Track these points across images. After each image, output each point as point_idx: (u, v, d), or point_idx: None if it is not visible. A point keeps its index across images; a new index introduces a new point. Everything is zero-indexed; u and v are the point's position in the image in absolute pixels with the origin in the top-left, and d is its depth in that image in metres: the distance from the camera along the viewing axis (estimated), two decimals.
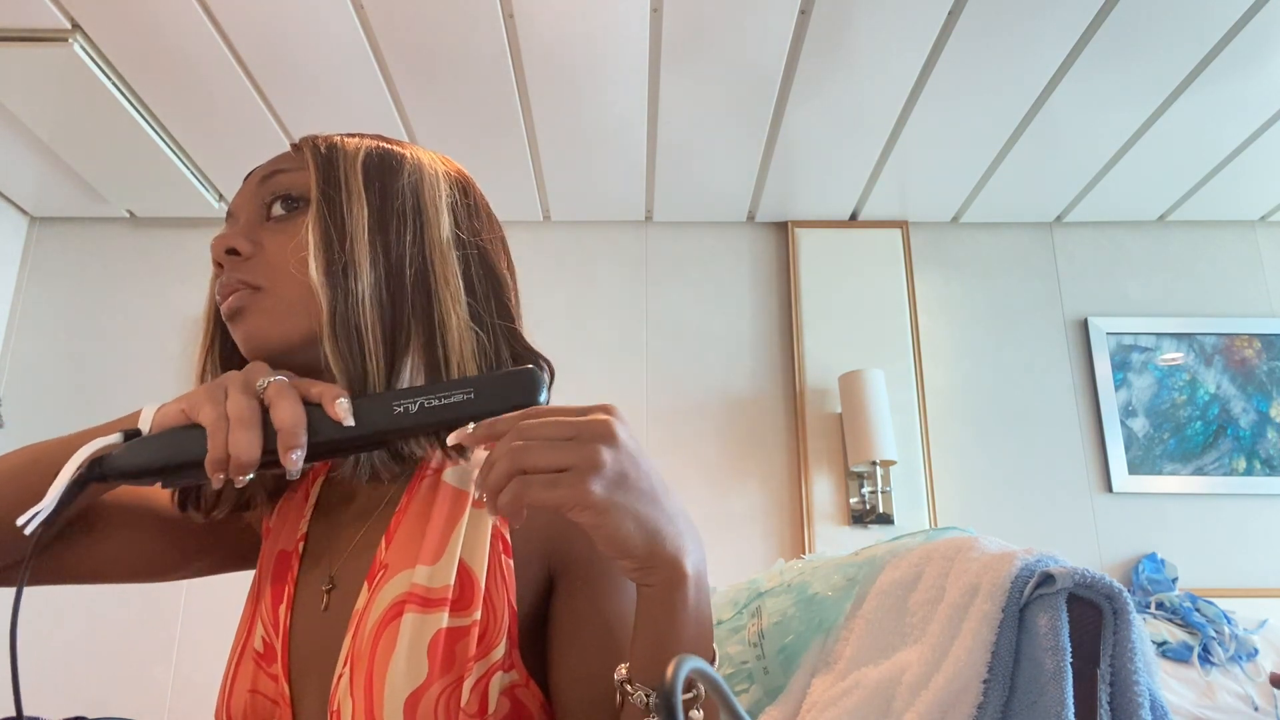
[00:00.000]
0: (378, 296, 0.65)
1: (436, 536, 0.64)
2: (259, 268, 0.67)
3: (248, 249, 0.68)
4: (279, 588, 0.70)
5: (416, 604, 0.60)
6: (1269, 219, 2.74)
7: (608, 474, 0.49)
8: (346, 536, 0.70)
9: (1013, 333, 2.66)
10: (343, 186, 0.68)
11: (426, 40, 1.95)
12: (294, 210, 0.69)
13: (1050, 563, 0.57)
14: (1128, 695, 0.51)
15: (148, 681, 2.31)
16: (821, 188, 2.58)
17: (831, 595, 0.70)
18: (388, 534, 0.66)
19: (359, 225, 0.66)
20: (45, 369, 2.59)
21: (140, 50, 1.95)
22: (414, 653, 0.58)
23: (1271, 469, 2.50)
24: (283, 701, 0.65)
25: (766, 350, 2.65)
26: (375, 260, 0.66)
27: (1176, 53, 2.00)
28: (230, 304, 0.67)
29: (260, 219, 0.70)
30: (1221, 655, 1.99)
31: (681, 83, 2.11)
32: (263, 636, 0.68)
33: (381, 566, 0.64)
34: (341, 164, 0.69)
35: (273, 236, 0.68)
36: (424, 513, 0.65)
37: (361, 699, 0.58)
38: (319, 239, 0.65)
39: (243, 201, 0.72)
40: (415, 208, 0.69)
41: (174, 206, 2.62)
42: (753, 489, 2.50)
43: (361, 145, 0.71)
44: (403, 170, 0.71)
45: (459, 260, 0.70)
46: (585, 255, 2.71)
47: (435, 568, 0.62)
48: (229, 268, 0.68)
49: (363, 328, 0.64)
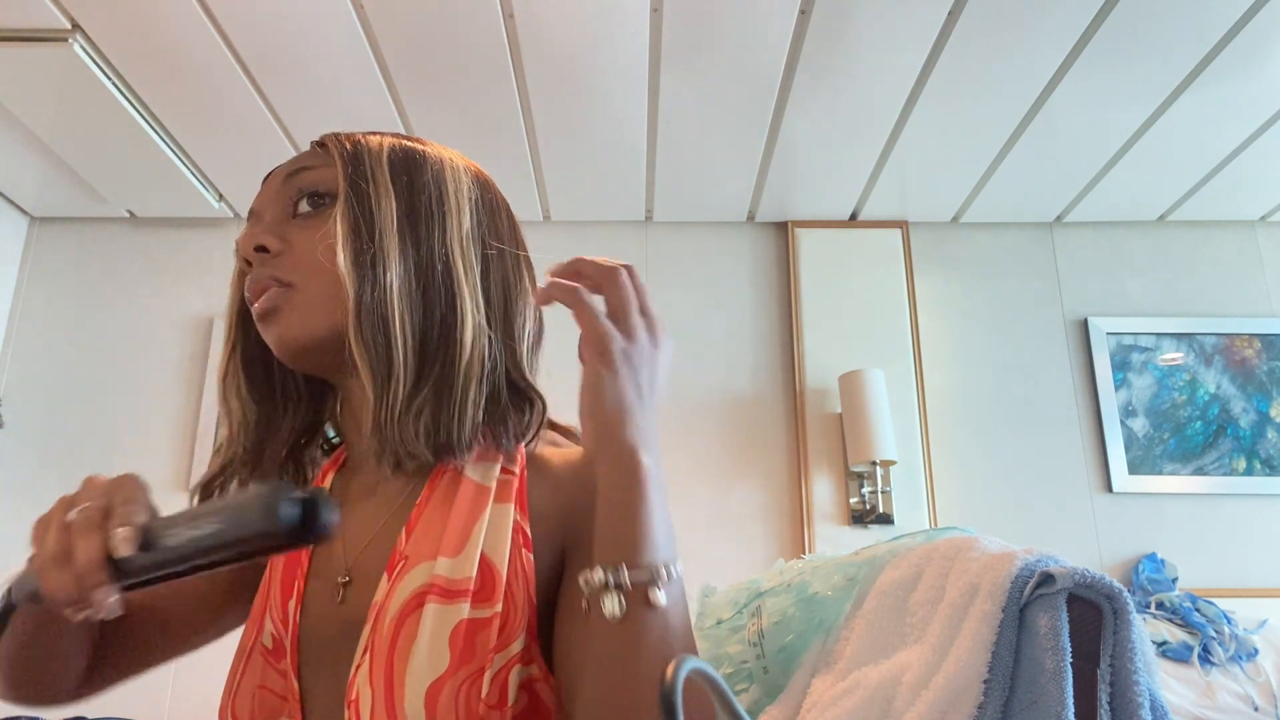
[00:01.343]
0: (406, 288, 0.66)
1: (458, 529, 0.64)
2: (289, 263, 0.67)
3: (277, 245, 0.68)
4: (288, 584, 0.69)
5: (438, 595, 0.60)
6: (1269, 219, 2.74)
7: (630, 350, 0.58)
8: (363, 530, 0.70)
9: (1013, 333, 2.66)
10: (370, 179, 0.68)
11: (426, 40, 1.95)
12: (321, 206, 0.69)
13: (1050, 563, 0.57)
14: (1128, 695, 0.51)
15: (148, 681, 2.31)
16: (821, 188, 2.58)
17: (831, 595, 0.70)
18: (408, 526, 0.66)
19: (388, 218, 0.67)
20: (45, 369, 2.59)
21: (140, 50, 1.95)
22: (435, 642, 0.59)
23: (1271, 469, 2.50)
24: (291, 697, 0.65)
25: (766, 350, 2.65)
26: (405, 252, 0.66)
27: (1176, 53, 2.00)
28: (263, 304, 0.67)
29: (287, 216, 0.70)
30: (1221, 655, 1.99)
31: (681, 83, 2.11)
32: (271, 633, 0.68)
33: (401, 558, 0.64)
34: (367, 159, 0.69)
35: (301, 232, 0.68)
36: (445, 506, 0.65)
37: (381, 688, 0.58)
38: (347, 230, 0.66)
39: (267, 200, 0.71)
40: (439, 200, 0.70)
41: (174, 206, 2.62)
42: (753, 489, 2.50)
43: (385, 141, 0.72)
44: (427, 165, 0.71)
45: (479, 259, 0.70)
46: (585, 255, 2.70)
47: (457, 560, 0.62)
48: (258, 265, 0.68)
49: (390, 319, 0.64)
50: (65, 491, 0.59)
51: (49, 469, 2.48)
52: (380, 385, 0.64)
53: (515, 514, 0.65)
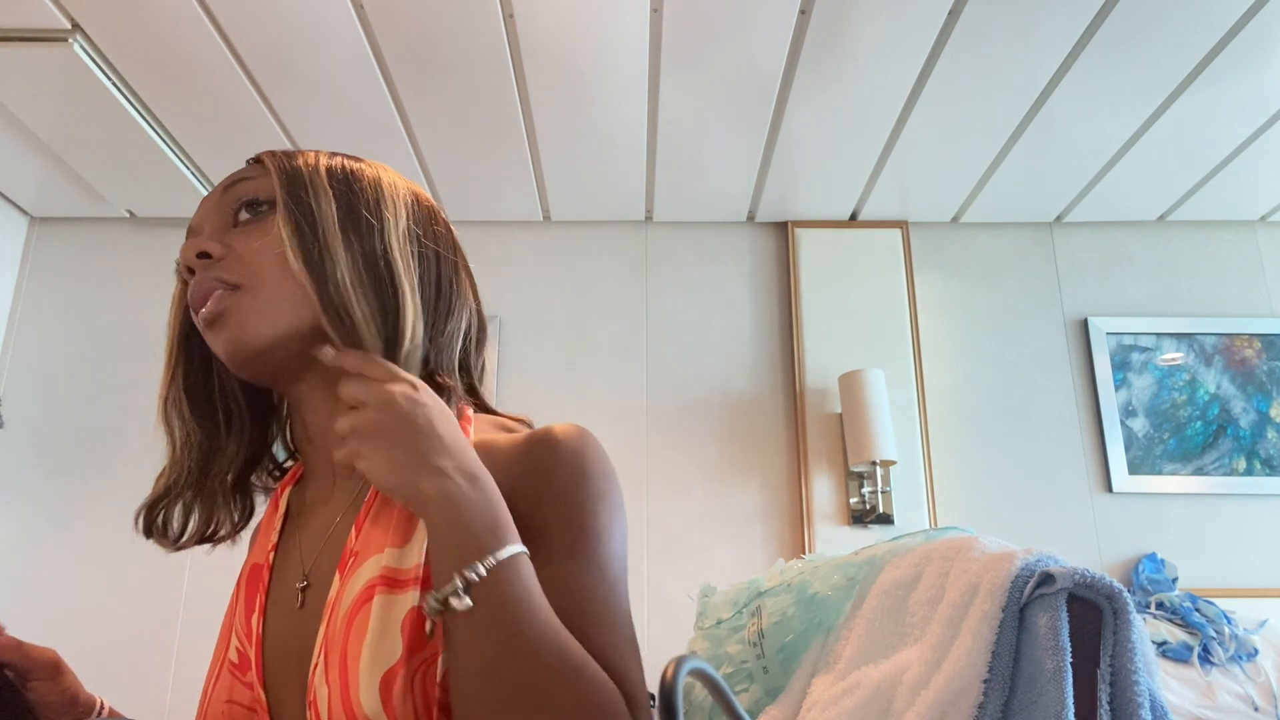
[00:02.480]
0: (358, 279, 0.67)
1: (403, 519, 0.64)
2: (234, 266, 0.68)
3: (219, 250, 0.69)
4: (251, 599, 0.71)
5: (385, 585, 0.61)
6: (1269, 219, 2.74)
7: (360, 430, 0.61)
8: (319, 537, 0.71)
9: (1013, 333, 2.66)
10: (308, 185, 0.70)
11: (426, 40, 1.95)
12: (260, 213, 0.70)
13: (1050, 562, 0.57)
14: (1128, 695, 0.51)
15: (148, 681, 2.31)
16: (821, 188, 2.58)
17: (831, 595, 0.70)
18: (357, 523, 0.67)
19: (328, 216, 0.69)
20: (45, 369, 2.59)
21: (140, 50, 1.95)
22: (386, 633, 0.59)
23: (1271, 469, 2.50)
24: (259, 708, 0.65)
25: (766, 350, 2.65)
26: (349, 246, 0.68)
27: (1176, 53, 2.00)
28: (210, 308, 0.67)
29: (227, 226, 0.71)
30: (1221, 655, 1.99)
31: (681, 83, 2.11)
32: (237, 648, 0.69)
33: (352, 554, 0.65)
34: (304, 169, 0.71)
35: (243, 238, 0.69)
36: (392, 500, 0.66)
37: (336, 683, 0.59)
38: (291, 231, 0.67)
39: (205, 215, 0.73)
40: (376, 203, 0.71)
41: (174, 206, 2.62)
42: (753, 489, 2.50)
43: (321, 155, 0.74)
44: (363, 174, 0.73)
45: (416, 259, 0.72)
46: (585, 255, 2.71)
47: (404, 549, 0.63)
48: (201, 270, 0.68)
49: (351, 308, 0.66)
50: (65, 491, 0.60)
51: (49, 469, 2.48)
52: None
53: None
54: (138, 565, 2.39)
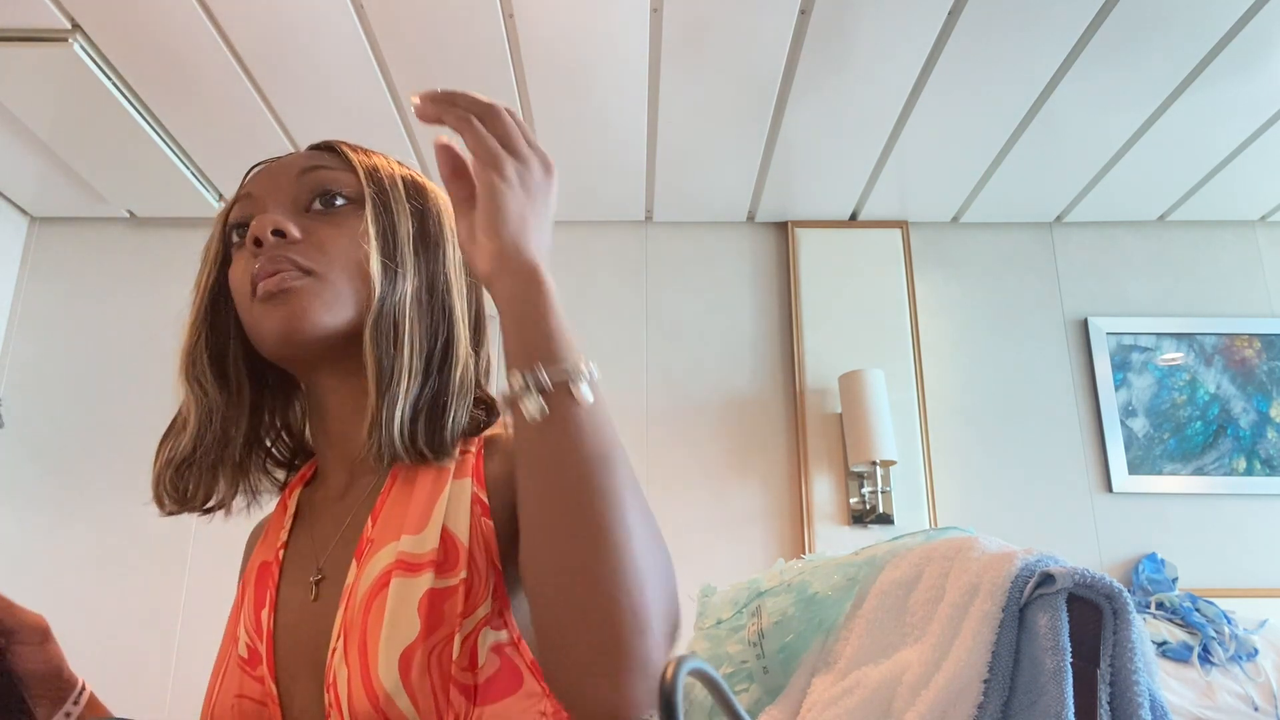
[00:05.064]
0: (418, 299, 0.70)
1: (420, 508, 0.66)
2: (311, 252, 0.69)
3: (298, 233, 0.69)
4: (260, 594, 0.71)
5: (403, 569, 0.62)
6: (1269, 219, 2.74)
7: (524, 171, 0.59)
8: (333, 533, 0.72)
9: (1013, 333, 2.66)
10: (389, 195, 0.72)
11: (426, 40, 1.95)
12: (335, 207, 0.71)
13: (1050, 562, 0.57)
14: (1128, 695, 0.51)
15: (148, 681, 2.31)
16: (821, 188, 2.58)
17: (831, 595, 0.70)
18: (373, 514, 0.68)
19: (405, 234, 0.71)
20: (45, 369, 2.59)
21: (140, 50, 1.95)
22: (405, 611, 0.60)
23: (1271, 469, 2.50)
24: (270, 701, 0.65)
25: (766, 350, 2.65)
26: (418, 268, 0.71)
27: (1176, 53, 2.00)
28: (275, 281, 0.67)
29: (299, 209, 0.71)
30: (1221, 655, 1.99)
31: (681, 83, 2.11)
32: (246, 643, 0.69)
33: (368, 542, 0.66)
34: (384, 176, 0.74)
35: (323, 227, 0.70)
36: (407, 490, 0.68)
37: (357, 663, 0.60)
38: (377, 234, 0.70)
39: (268, 188, 0.72)
40: (440, 232, 0.75)
41: (174, 206, 2.62)
42: (753, 489, 2.50)
43: (394, 163, 0.77)
44: (429, 194, 0.76)
45: (466, 288, 0.75)
46: (585, 255, 2.71)
47: (420, 535, 0.64)
48: (272, 247, 0.68)
49: (401, 325, 0.68)
50: (65, 491, 0.60)
51: (49, 469, 2.48)
52: (384, 384, 0.67)
53: (473, 486, 0.67)
54: (138, 565, 2.39)
